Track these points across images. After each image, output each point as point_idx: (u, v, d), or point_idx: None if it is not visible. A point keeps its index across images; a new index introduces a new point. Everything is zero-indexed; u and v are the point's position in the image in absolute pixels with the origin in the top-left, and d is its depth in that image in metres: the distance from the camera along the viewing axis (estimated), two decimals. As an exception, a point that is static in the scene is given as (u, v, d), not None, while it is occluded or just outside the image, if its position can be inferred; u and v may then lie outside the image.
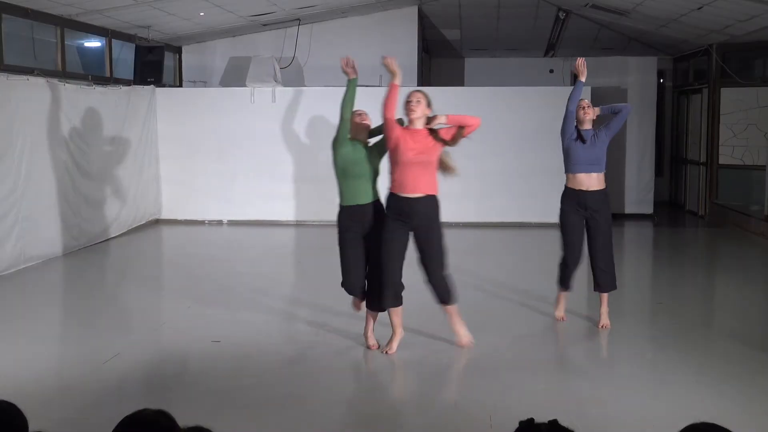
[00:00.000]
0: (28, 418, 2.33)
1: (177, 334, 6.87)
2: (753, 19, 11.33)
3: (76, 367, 5.89)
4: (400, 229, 6.24)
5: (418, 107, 6.02)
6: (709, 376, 5.79)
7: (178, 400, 5.24)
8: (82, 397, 5.38)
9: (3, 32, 9.71)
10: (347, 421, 4.91)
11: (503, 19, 15.14)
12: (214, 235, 12.94)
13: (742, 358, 6.30)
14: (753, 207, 13.21)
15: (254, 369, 6.03)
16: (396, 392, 5.59)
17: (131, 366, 6.02)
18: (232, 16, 12.79)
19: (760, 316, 8.26)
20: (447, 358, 6.32)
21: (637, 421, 4.91)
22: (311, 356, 6.36)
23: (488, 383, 5.66)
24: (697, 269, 10.39)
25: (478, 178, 13.25)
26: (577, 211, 6.97)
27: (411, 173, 6.18)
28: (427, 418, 5.17)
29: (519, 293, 8.44)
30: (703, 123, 14.64)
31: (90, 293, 8.83)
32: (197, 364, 6.24)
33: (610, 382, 5.84)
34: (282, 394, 5.45)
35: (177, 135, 13.54)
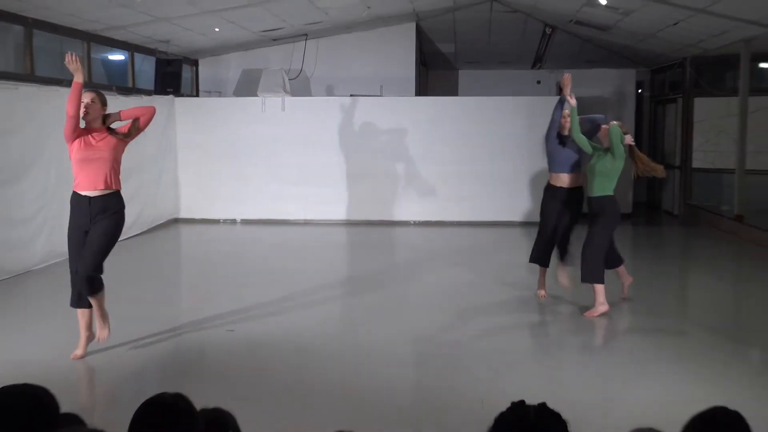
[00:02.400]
0: (62, 402, 2.33)
1: (194, 324, 6.87)
2: (724, 34, 11.34)
3: (102, 355, 5.88)
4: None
5: (92, 108, 5.62)
6: (685, 363, 5.79)
7: (195, 384, 5.24)
8: (107, 382, 5.40)
9: (34, 46, 9.72)
10: (350, 403, 4.91)
11: (494, 34, 15.16)
12: (228, 232, 12.94)
13: (715, 347, 6.29)
14: (723, 207, 13.22)
15: (265, 356, 6.04)
16: (394, 377, 5.58)
17: (151, 353, 6.02)
18: (244, 32, 12.80)
19: (730, 309, 8.26)
20: (442, 345, 6.32)
21: (619, 404, 4.91)
22: (318, 344, 6.35)
23: (480, 369, 5.67)
24: (672, 265, 10.38)
25: (471, 180, 13.27)
26: (554, 201, 7.54)
27: (89, 170, 5.59)
28: (423, 401, 5.18)
29: (508, 285, 8.45)
30: (678, 130, 14.65)
31: (113, 286, 8.79)
32: (213, 351, 6.24)
33: (594, 368, 5.84)
34: (291, 380, 5.46)
35: (194, 141, 13.54)
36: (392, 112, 13.42)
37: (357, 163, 13.37)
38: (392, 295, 8.41)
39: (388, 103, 13.64)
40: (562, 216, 7.55)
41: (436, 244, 11.83)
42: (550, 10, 13.01)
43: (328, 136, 13.37)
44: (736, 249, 11.26)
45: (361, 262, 10.67)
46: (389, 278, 9.34)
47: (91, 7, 9.57)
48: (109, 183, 5.61)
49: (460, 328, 6.82)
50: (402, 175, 13.40)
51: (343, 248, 11.67)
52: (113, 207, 5.67)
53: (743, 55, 11.81)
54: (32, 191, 9.26)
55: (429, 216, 13.39)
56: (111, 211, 5.65)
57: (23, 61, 9.68)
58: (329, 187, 13.40)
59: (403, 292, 8.59)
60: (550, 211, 7.57)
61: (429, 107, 13.68)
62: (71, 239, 5.66)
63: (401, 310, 7.68)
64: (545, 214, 7.65)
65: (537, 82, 16.69)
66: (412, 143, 13.32)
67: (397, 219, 13.37)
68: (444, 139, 13.31)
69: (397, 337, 6.60)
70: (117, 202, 5.72)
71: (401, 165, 13.38)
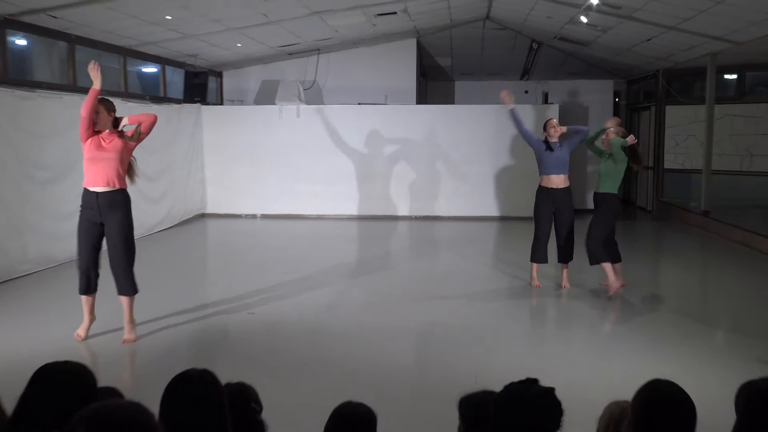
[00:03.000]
0: (98, 376, 2.34)
1: (218, 307, 6.88)
2: (693, 48, 11.32)
3: (137, 335, 5.90)
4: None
5: (99, 118, 5.59)
6: (655, 341, 5.80)
7: (220, 361, 5.27)
8: (141, 359, 5.42)
9: (76, 60, 9.73)
10: (359, 378, 4.92)
11: (487, 49, 15.14)
12: (250, 226, 12.95)
13: (682, 326, 6.29)
14: (692, 204, 13.21)
15: (283, 336, 6.05)
16: (397, 354, 5.60)
17: (181, 333, 6.04)
18: (264, 47, 12.80)
19: (695, 293, 8.26)
20: (440, 325, 6.33)
21: (599, 377, 4.91)
22: (329, 325, 6.37)
23: (474, 346, 5.68)
24: (645, 255, 10.37)
25: (466, 179, 13.28)
26: (547, 203, 7.50)
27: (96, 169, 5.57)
28: (423, 375, 5.20)
29: (502, 272, 8.46)
30: (651, 135, 14.63)
31: (147, 273, 8.83)
32: (235, 332, 6.26)
33: (577, 346, 5.84)
34: (307, 357, 5.47)
35: (219, 144, 13.56)
36: (395, 119, 13.43)
37: (364, 164, 13.38)
38: (395, 281, 8.41)
39: (391, 110, 13.64)
40: (560, 214, 7.49)
41: (435, 236, 11.84)
42: (537, 28, 12.99)
43: (338, 140, 13.38)
44: (703, 241, 11.25)
45: (368, 252, 10.68)
46: (393, 266, 9.35)
47: (127, 26, 9.58)
48: (112, 182, 5.59)
49: (456, 310, 6.83)
50: (404, 175, 13.40)
51: (352, 240, 11.67)
52: (119, 202, 5.65)
53: (709, 68, 11.78)
54: (75, 189, 9.24)
55: (428, 211, 13.39)
56: (117, 206, 5.63)
57: (67, 73, 9.70)
58: (339, 185, 13.41)
59: (405, 277, 8.59)
60: (547, 212, 7.50)
61: (428, 114, 13.68)
62: (80, 230, 5.62)
63: (404, 294, 7.67)
64: (541, 215, 7.57)
65: (525, 92, 16.66)
66: (413, 147, 13.33)
67: (400, 214, 13.38)
68: (442, 142, 13.31)
69: (400, 317, 6.61)
70: (122, 198, 5.70)
71: (403, 166, 13.38)
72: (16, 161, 8.11)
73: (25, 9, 8.11)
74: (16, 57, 9.04)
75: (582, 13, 10.19)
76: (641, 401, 2.21)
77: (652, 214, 14.49)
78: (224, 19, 10.19)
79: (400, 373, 5.18)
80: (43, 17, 8.49)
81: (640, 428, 2.18)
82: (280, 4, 9.86)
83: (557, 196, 7.46)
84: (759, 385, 2.24)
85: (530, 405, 2.09)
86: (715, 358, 5.44)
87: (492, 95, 15.99)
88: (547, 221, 7.54)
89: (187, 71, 13.10)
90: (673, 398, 2.19)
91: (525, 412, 2.08)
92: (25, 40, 9.24)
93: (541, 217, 7.56)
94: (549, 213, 7.50)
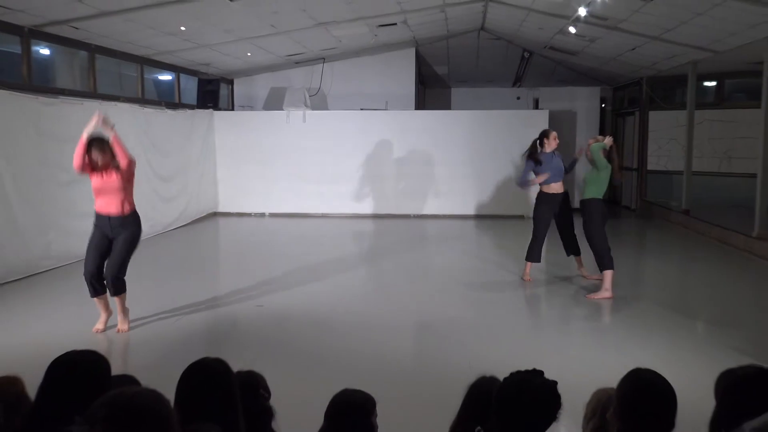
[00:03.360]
0: (117, 364, 2.33)
1: (229, 300, 6.89)
2: (674, 57, 11.31)
3: (152, 326, 5.92)
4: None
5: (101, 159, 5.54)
6: (638, 332, 5.80)
7: (231, 351, 5.27)
8: (158, 348, 5.41)
9: (96, 68, 9.73)
10: (359, 367, 4.92)
11: (481, 58, 15.13)
12: (259, 224, 12.95)
13: (664, 318, 6.30)
14: (673, 203, 13.21)
15: (289, 328, 6.05)
16: (396, 344, 5.60)
17: (194, 324, 6.05)
18: (272, 56, 12.80)
19: (676, 286, 8.25)
20: (437, 317, 6.33)
21: (586, 365, 4.91)
22: (333, 317, 6.37)
23: (468, 338, 5.68)
24: (630, 250, 10.37)
25: (461, 180, 13.27)
26: (550, 207, 7.59)
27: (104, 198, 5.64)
28: (420, 364, 5.20)
29: (496, 267, 8.46)
30: (636, 138, 14.62)
31: (162, 268, 8.86)
32: (245, 323, 6.26)
33: (562, 338, 5.84)
34: (312, 347, 5.47)
35: (230, 147, 13.56)
36: (395, 124, 13.42)
37: (366, 165, 13.38)
38: (395, 275, 8.42)
39: (392, 116, 13.63)
40: (562, 215, 7.62)
41: (432, 234, 11.83)
42: (528, 38, 12.98)
43: (341, 143, 13.38)
44: (684, 237, 11.24)
45: (369, 248, 10.68)
46: (393, 261, 9.34)
47: (144, 36, 9.58)
48: (120, 209, 5.64)
49: (452, 304, 6.84)
50: (403, 176, 13.40)
51: (354, 237, 11.67)
52: (130, 222, 5.71)
53: (690, 75, 11.77)
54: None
55: (426, 210, 13.40)
56: (129, 225, 5.69)
57: (88, 80, 9.70)
58: (343, 186, 13.41)
59: (404, 272, 8.59)
60: (548, 216, 7.58)
61: (426, 119, 13.67)
62: (91, 241, 5.67)
63: (404, 287, 7.69)
64: (542, 218, 7.62)
65: (517, 98, 16.65)
66: (412, 149, 13.33)
67: (400, 213, 13.38)
68: (439, 145, 13.30)
69: (399, 310, 6.61)
70: (134, 219, 5.75)
71: (403, 167, 13.38)
72: (39, 163, 8.11)
73: (49, 21, 8.12)
74: (40, 65, 9.04)
75: (570, 24, 10.18)
76: (625, 389, 2.22)
77: (636, 213, 14.49)
78: (235, 30, 10.19)
79: (398, 362, 5.18)
80: (66, 28, 8.50)
81: (624, 414, 2.18)
82: (288, 16, 9.86)
83: (559, 200, 7.59)
84: (737, 373, 2.25)
85: (533, 394, 2.10)
86: (695, 348, 5.43)
87: (486, 101, 16.08)
88: (547, 224, 7.63)
89: (200, 79, 13.10)
90: (654, 386, 2.20)
91: (527, 400, 2.09)
92: (49, 50, 9.24)
93: (543, 220, 7.62)
94: (550, 217, 7.60)
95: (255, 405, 2.51)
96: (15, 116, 7.68)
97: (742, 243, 9.75)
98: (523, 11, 10.69)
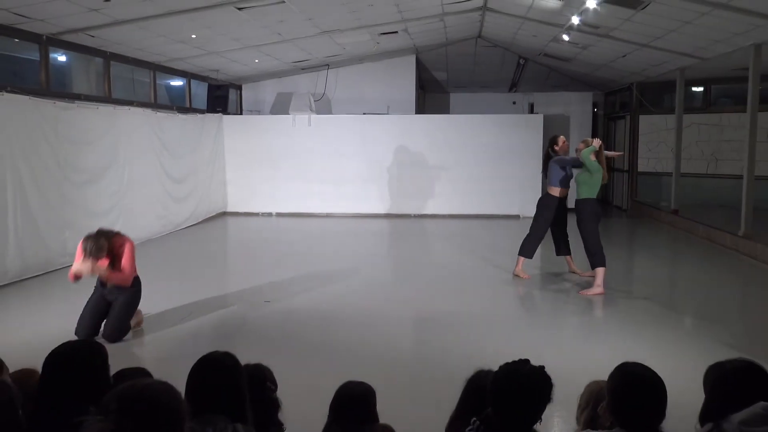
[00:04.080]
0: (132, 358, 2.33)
1: (238, 296, 6.88)
2: (663, 64, 11.30)
3: (163, 320, 5.91)
4: None
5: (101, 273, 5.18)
6: (630, 327, 5.78)
7: (239, 345, 5.26)
8: (169, 343, 5.41)
9: (111, 74, 9.74)
10: (365, 359, 4.92)
11: (478, 65, 15.12)
12: (266, 223, 12.95)
13: (653, 314, 6.28)
14: (662, 203, 13.20)
15: (295, 322, 6.04)
16: (398, 339, 5.59)
17: (204, 319, 6.04)
18: (278, 63, 12.79)
19: (666, 283, 8.25)
20: (436, 312, 6.32)
21: (580, 359, 4.89)
22: (337, 312, 6.36)
23: (467, 331, 5.67)
24: (621, 249, 10.36)
25: (459, 181, 13.26)
26: (552, 209, 7.54)
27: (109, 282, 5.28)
28: (420, 357, 5.19)
29: (493, 265, 8.44)
30: (626, 141, 14.59)
31: (173, 266, 8.86)
32: (253, 318, 6.25)
33: (556, 332, 5.83)
34: (316, 341, 5.46)
35: (238, 150, 13.56)
36: (396, 127, 13.42)
37: (368, 167, 13.38)
38: (397, 272, 8.41)
39: (393, 120, 13.62)
40: (556, 216, 7.57)
41: (432, 233, 11.82)
42: (524, 45, 12.97)
43: (345, 145, 13.38)
44: (673, 236, 11.22)
45: (372, 246, 10.67)
46: (394, 258, 9.34)
47: (156, 44, 9.58)
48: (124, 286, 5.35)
49: (451, 299, 6.83)
50: (404, 177, 13.39)
51: (358, 235, 11.66)
52: (132, 287, 5.41)
53: (678, 81, 11.75)
54: (108, 190, 9.29)
55: (426, 210, 13.39)
56: (128, 289, 5.36)
57: (102, 86, 9.70)
58: (346, 186, 13.41)
59: (406, 269, 8.59)
60: (548, 216, 7.54)
61: (426, 123, 13.67)
62: (88, 303, 5.33)
63: (404, 284, 7.67)
64: (544, 219, 7.58)
65: (512, 103, 16.65)
66: (412, 152, 13.32)
67: (401, 212, 13.37)
68: (438, 148, 13.30)
69: (401, 306, 6.60)
70: (135, 284, 5.44)
71: (404, 169, 13.37)
72: (57, 165, 8.12)
73: (66, 29, 8.12)
74: (57, 72, 9.04)
75: (564, 32, 10.17)
76: (614, 383, 2.21)
77: (627, 213, 14.47)
78: (243, 38, 10.18)
79: (400, 356, 5.17)
80: (82, 36, 8.50)
81: (615, 408, 2.17)
82: (294, 25, 9.85)
83: (561, 204, 7.58)
84: (725, 366, 2.23)
85: (524, 380, 2.11)
86: (684, 342, 5.42)
87: (483, 105, 16.07)
88: (547, 225, 7.59)
89: (210, 84, 13.10)
90: (642, 378, 2.19)
91: (519, 388, 2.10)
92: (66, 57, 9.24)
93: (544, 220, 7.58)
94: (551, 218, 7.55)
95: (262, 397, 2.51)
96: (34, 120, 7.69)
97: (729, 241, 9.73)
98: (518, 20, 10.68)
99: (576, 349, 5.25)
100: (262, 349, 5.04)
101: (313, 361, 4.95)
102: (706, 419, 2.19)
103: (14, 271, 7.37)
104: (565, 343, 5.43)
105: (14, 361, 2.73)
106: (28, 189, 7.57)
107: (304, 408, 2.97)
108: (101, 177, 9.10)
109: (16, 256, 7.38)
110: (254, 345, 5.27)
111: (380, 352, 5.10)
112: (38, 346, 4.89)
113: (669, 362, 4.57)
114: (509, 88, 16.74)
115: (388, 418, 2.69)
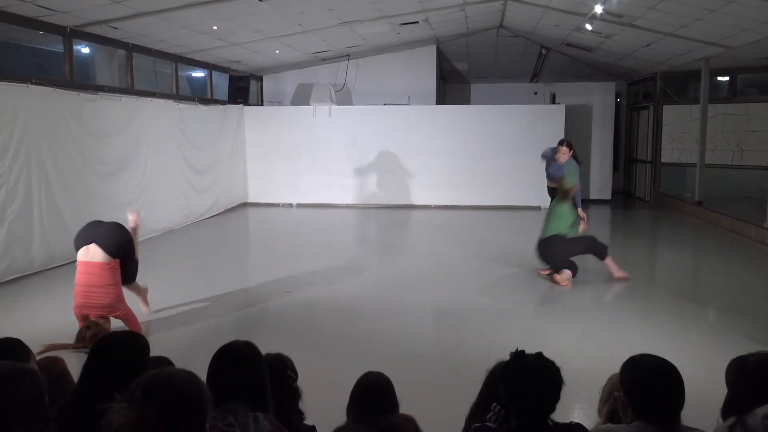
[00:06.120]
0: (154, 346, 2.36)
1: (258, 286, 6.93)
2: (688, 53, 11.12)
3: (187, 311, 5.97)
4: None
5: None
6: (652, 320, 5.74)
7: (259, 334, 5.30)
8: (192, 332, 5.47)
9: (134, 66, 9.81)
10: (380, 350, 4.93)
11: (499, 55, 15.00)
12: (287, 214, 13.01)
13: (676, 307, 6.22)
14: (686, 195, 13.02)
15: (315, 313, 6.08)
16: (417, 331, 5.60)
17: (225, 309, 6.10)
18: (299, 53, 12.80)
19: (689, 276, 8.15)
20: (456, 306, 6.32)
21: (602, 351, 4.86)
22: (357, 304, 6.39)
23: (486, 325, 5.66)
24: (643, 241, 10.26)
25: (481, 172, 13.20)
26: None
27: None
28: (440, 350, 5.20)
29: (511, 260, 8.39)
30: (649, 131, 14.42)
31: (195, 256, 8.94)
32: (273, 308, 6.29)
33: (577, 325, 5.80)
34: (336, 332, 5.49)
35: (259, 141, 13.61)
36: (417, 118, 13.37)
37: (389, 158, 13.36)
38: (417, 263, 8.40)
39: (414, 110, 13.58)
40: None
41: (452, 224, 11.79)
42: (546, 35, 12.84)
43: (366, 136, 13.37)
44: (697, 228, 11.08)
45: (392, 238, 10.68)
46: (415, 250, 9.34)
47: (178, 35, 9.63)
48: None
49: (469, 293, 6.82)
50: (425, 168, 13.35)
51: (378, 227, 11.68)
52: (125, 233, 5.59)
53: (704, 71, 11.57)
54: (132, 180, 9.38)
55: (446, 201, 13.34)
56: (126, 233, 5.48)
57: (125, 77, 9.79)
58: (367, 177, 13.42)
59: (426, 260, 8.58)
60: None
61: (447, 114, 13.61)
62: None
63: (424, 277, 7.67)
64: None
65: (534, 93, 16.50)
66: (433, 143, 13.27)
67: (421, 203, 13.35)
68: (459, 139, 13.24)
69: (421, 299, 6.61)
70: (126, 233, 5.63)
71: (424, 160, 13.33)
72: (81, 157, 8.22)
73: (89, 21, 8.19)
74: (81, 63, 9.14)
75: (587, 21, 10.05)
76: (626, 377, 2.18)
77: (650, 204, 14.30)
78: (264, 29, 10.20)
79: (419, 348, 5.18)
80: (105, 28, 8.57)
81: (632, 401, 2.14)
82: (314, 16, 9.85)
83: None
84: (749, 360, 2.21)
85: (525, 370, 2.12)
86: (707, 335, 5.37)
87: (504, 96, 15.96)
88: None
89: (231, 75, 13.15)
90: (655, 368, 2.15)
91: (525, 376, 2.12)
92: (89, 49, 9.34)
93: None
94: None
95: (283, 386, 2.52)
96: (58, 111, 7.78)
97: (754, 233, 9.58)
98: (540, 9, 10.57)
99: (598, 342, 5.22)
100: (282, 340, 5.06)
101: (334, 351, 4.98)
102: (728, 413, 2.17)
103: (40, 261, 7.49)
104: (586, 336, 5.40)
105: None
106: (53, 180, 7.68)
107: (324, 398, 2.99)
108: (124, 168, 9.20)
109: (42, 246, 7.50)
110: (275, 335, 5.31)
111: (400, 343, 5.12)
112: (66, 333, 4.99)
113: (691, 355, 4.53)
114: (531, 78, 16.58)
115: (409, 407, 2.70)
